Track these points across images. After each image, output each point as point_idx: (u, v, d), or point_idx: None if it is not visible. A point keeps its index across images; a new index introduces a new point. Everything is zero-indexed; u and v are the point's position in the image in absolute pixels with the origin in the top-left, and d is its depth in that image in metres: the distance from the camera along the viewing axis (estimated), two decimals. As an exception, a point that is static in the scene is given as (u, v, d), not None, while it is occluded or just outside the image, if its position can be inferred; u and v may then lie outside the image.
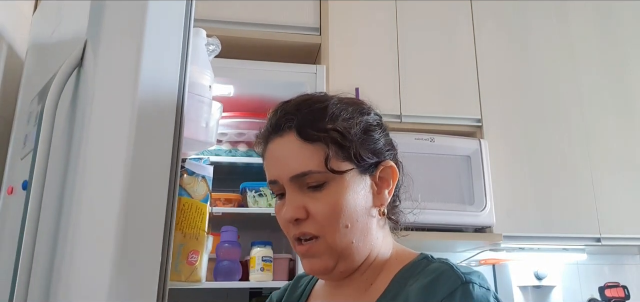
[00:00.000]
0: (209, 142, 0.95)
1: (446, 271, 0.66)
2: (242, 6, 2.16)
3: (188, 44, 0.81)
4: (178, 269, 0.79)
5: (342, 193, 0.69)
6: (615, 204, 2.26)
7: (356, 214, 0.70)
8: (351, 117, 0.72)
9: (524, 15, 2.48)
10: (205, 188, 0.87)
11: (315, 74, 1.99)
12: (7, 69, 0.98)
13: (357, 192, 0.70)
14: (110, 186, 0.69)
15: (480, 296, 0.64)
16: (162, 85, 0.76)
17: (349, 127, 0.71)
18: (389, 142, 0.77)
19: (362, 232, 0.71)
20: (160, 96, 0.75)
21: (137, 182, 0.70)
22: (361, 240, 0.71)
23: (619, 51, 2.51)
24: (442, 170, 2.13)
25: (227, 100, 2.08)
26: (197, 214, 0.83)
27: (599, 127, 2.37)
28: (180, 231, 0.80)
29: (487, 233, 2.12)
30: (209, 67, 0.98)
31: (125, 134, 0.71)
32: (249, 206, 1.96)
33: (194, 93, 0.91)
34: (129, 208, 0.68)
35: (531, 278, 2.33)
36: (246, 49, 2.14)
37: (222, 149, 2.04)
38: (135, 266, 0.68)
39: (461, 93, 2.31)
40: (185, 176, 0.84)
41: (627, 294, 2.36)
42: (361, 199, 0.71)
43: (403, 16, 2.36)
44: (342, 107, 0.73)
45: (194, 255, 0.82)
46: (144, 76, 0.74)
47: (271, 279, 1.85)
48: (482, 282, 0.67)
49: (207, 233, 0.85)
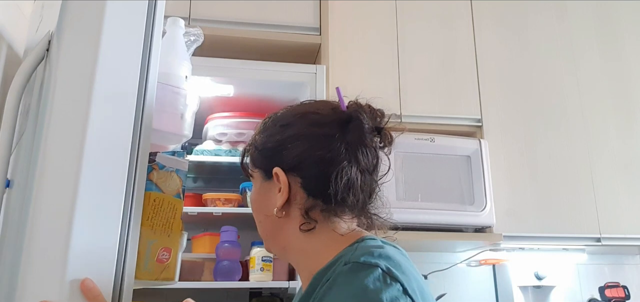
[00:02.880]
0: (184, 135, 0.93)
1: (346, 254, 0.72)
2: (242, 6, 2.16)
3: (152, 35, 0.80)
4: (148, 267, 0.76)
5: (253, 191, 0.83)
6: (615, 204, 2.26)
7: (260, 211, 0.82)
8: (264, 130, 0.83)
9: (524, 15, 2.48)
10: (179, 183, 0.84)
11: (315, 74, 1.99)
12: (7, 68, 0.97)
13: (259, 193, 0.82)
14: (65, 184, 0.68)
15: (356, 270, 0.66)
16: (121, 76, 0.75)
17: (264, 139, 0.82)
18: (311, 153, 0.77)
19: (268, 228, 0.81)
20: (119, 88, 0.74)
21: (92, 178, 0.68)
22: (268, 233, 0.82)
23: (618, 51, 2.51)
24: (442, 170, 2.13)
25: (227, 100, 2.08)
26: (169, 210, 0.81)
27: (599, 127, 2.37)
28: (149, 228, 0.77)
29: (487, 233, 2.12)
30: (187, 58, 0.96)
31: (80, 129, 0.70)
32: (249, 206, 1.95)
33: (168, 84, 0.90)
34: (83, 205, 0.67)
35: (531, 278, 2.33)
36: (246, 49, 2.14)
37: (222, 149, 2.04)
38: (89, 265, 0.66)
39: (461, 93, 2.31)
40: (155, 171, 0.81)
41: (627, 294, 2.36)
42: (262, 199, 0.81)
43: (403, 16, 2.36)
44: (271, 119, 0.84)
45: (165, 252, 0.79)
46: (101, 69, 0.72)
47: (271, 279, 1.85)
48: (370, 260, 0.67)
49: (182, 230, 0.83)
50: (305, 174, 0.77)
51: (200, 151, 2.03)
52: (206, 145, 2.05)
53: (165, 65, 0.90)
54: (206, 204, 2.01)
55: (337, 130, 0.78)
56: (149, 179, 0.79)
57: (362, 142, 0.79)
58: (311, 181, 0.76)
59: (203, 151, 2.03)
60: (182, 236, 0.84)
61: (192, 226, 2.18)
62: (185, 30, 0.99)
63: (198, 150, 2.04)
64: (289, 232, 0.79)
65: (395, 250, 0.73)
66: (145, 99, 0.77)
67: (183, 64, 0.95)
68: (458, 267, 2.40)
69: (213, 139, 2.07)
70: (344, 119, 0.79)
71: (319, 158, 0.76)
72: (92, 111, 0.70)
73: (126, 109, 0.74)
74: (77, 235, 0.66)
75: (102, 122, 0.71)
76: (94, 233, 0.68)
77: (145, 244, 0.76)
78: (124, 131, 0.73)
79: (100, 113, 0.71)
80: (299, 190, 0.77)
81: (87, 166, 0.68)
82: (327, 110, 0.82)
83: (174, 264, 0.81)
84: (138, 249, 0.74)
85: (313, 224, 0.76)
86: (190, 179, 2.33)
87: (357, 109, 0.81)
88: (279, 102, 2.14)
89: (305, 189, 0.77)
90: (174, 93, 0.91)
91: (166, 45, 0.94)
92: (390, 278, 0.64)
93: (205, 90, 2.02)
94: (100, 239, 0.68)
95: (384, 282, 0.63)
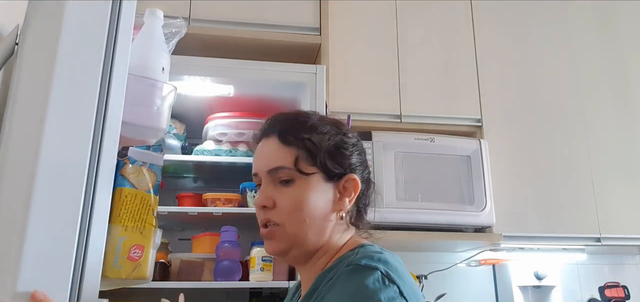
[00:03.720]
0: (161, 128, 0.91)
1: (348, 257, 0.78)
2: (242, 6, 2.16)
3: (117, 27, 0.78)
4: (118, 265, 0.74)
5: (305, 192, 0.82)
6: (615, 204, 2.26)
7: (315, 212, 0.82)
8: (326, 133, 0.85)
9: (524, 15, 2.48)
10: (152, 178, 0.81)
11: (315, 74, 1.99)
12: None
13: (318, 194, 0.83)
14: (23, 183, 0.67)
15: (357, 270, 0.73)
16: (81, 69, 0.73)
17: (321, 140, 0.84)
18: (362, 162, 0.89)
19: (318, 228, 0.83)
20: (78, 83, 0.71)
21: (50, 174, 0.66)
22: (315, 235, 0.83)
23: (618, 51, 2.51)
24: (442, 170, 2.13)
25: (227, 100, 2.08)
26: (142, 206, 0.78)
27: (599, 127, 2.37)
28: (120, 224, 0.75)
29: (487, 233, 2.12)
30: (165, 50, 0.94)
31: (37, 126, 0.68)
32: (249, 206, 1.95)
33: (143, 77, 0.88)
34: (38, 205, 0.65)
35: (531, 278, 2.33)
36: (246, 49, 2.14)
37: (222, 149, 2.03)
38: (43, 267, 0.64)
39: (461, 93, 2.31)
40: (128, 165, 0.79)
41: (627, 294, 2.36)
42: (321, 201, 0.83)
43: (403, 16, 2.36)
44: (322, 123, 0.87)
45: (137, 250, 0.77)
46: (60, 60, 0.71)
47: (271, 279, 1.85)
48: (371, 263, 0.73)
49: (155, 226, 0.80)
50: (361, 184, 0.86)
51: (200, 150, 2.03)
52: (206, 145, 2.05)
53: (140, 57, 0.88)
54: (206, 204, 2.01)
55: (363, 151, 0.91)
56: (121, 174, 0.78)
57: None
58: (361, 192, 0.87)
59: (203, 151, 2.03)
60: (156, 233, 0.81)
61: (192, 226, 2.18)
62: (164, 22, 0.96)
63: (198, 150, 2.03)
64: (334, 235, 0.85)
65: (392, 256, 0.78)
66: (109, 93, 0.75)
67: (161, 56, 0.93)
68: (458, 267, 2.40)
69: (213, 139, 2.06)
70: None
71: (368, 173, 0.89)
72: (50, 107, 0.68)
73: (86, 104, 0.72)
74: (32, 236, 0.64)
75: (60, 118, 0.69)
76: (49, 234, 0.65)
77: (115, 242, 0.74)
78: (84, 127, 0.71)
79: (58, 109, 0.69)
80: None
81: (43, 164, 0.66)
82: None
83: (147, 262, 0.78)
84: (107, 246, 0.72)
85: (354, 230, 0.88)
86: (190, 179, 2.32)
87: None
88: (279, 102, 2.16)
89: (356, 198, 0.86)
90: (149, 86, 0.89)
91: (142, 37, 0.92)
92: (388, 280, 0.71)
93: (205, 90, 2.02)
94: (56, 239, 0.66)
95: (382, 283, 0.70)
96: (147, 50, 0.91)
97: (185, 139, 2.13)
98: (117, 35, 0.78)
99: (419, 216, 2.03)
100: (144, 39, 0.92)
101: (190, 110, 2.12)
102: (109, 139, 0.74)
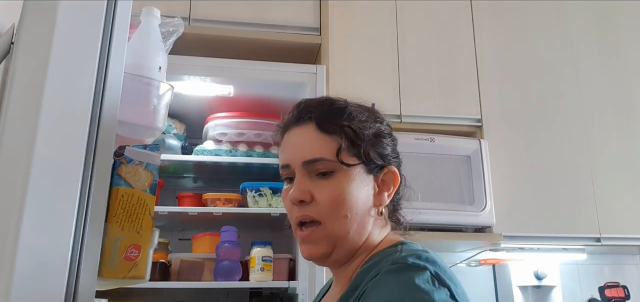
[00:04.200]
0: (157, 128, 0.90)
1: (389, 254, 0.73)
2: (242, 6, 2.16)
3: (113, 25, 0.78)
4: (114, 265, 0.73)
5: (347, 185, 0.75)
6: (615, 204, 2.26)
7: (356, 206, 0.76)
8: (366, 121, 0.79)
9: (524, 15, 2.48)
10: (150, 177, 0.80)
11: (315, 74, 1.99)
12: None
13: (360, 187, 0.77)
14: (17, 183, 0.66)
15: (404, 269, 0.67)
16: (76, 67, 0.73)
17: (363, 128, 0.78)
18: (396, 152, 0.84)
19: (359, 225, 0.77)
20: (73, 80, 0.71)
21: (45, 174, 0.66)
22: (357, 232, 0.77)
23: (618, 51, 2.51)
24: (442, 170, 2.13)
25: (227, 101, 2.08)
26: (138, 206, 0.78)
27: (599, 127, 2.37)
28: (116, 224, 0.74)
29: (487, 233, 2.12)
30: (162, 49, 0.94)
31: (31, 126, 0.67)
32: (249, 206, 1.95)
33: (139, 76, 0.87)
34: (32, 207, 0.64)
35: (531, 278, 2.33)
36: (246, 49, 2.14)
37: (222, 149, 2.04)
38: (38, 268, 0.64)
39: (461, 93, 2.31)
40: (124, 165, 0.79)
41: (627, 294, 2.36)
42: (363, 194, 0.77)
43: (403, 16, 2.36)
44: (359, 110, 0.80)
45: (134, 250, 0.76)
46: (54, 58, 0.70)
47: (271, 279, 1.85)
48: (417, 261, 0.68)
49: (152, 226, 0.80)
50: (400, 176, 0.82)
51: (200, 150, 2.03)
52: (206, 145, 2.05)
53: (137, 56, 0.88)
54: (206, 204, 2.01)
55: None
56: (117, 173, 0.77)
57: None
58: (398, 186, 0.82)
59: (203, 151, 2.03)
60: (153, 233, 0.81)
61: (192, 226, 2.18)
62: (161, 21, 0.95)
63: (198, 150, 2.04)
64: (373, 231, 0.79)
65: (437, 256, 0.73)
66: (104, 92, 0.74)
67: (157, 55, 0.92)
68: (458, 267, 2.40)
69: (213, 139, 2.07)
70: None
71: (399, 164, 0.84)
72: (44, 106, 0.67)
73: (82, 103, 0.71)
74: (26, 237, 0.63)
75: (54, 117, 0.68)
76: (44, 235, 0.65)
77: (111, 241, 0.74)
78: (79, 127, 0.70)
79: (52, 108, 0.68)
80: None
81: (37, 163, 0.65)
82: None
83: (144, 262, 0.78)
84: (104, 246, 0.72)
85: (391, 225, 0.83)
86: (190, 179, 2.33)
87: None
88: (279, 102, 2.16)
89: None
90: (146, 85, 0.88)
91: (139, 36, 0.92)
92: (438, 282, 0.66)
93: (205, 90, 2.02)
94: (51, 239, 0.65)
95: (433, 284, 0.65)
96: (143, 49, 0.91)
97: (185, 139, 2.13)
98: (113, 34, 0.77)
99: (419, 216, 2.02)
100: (141, 38, 0.91)
101: (190, 110, 2.13)
102: (105, 138, 0.73)
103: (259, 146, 2.07)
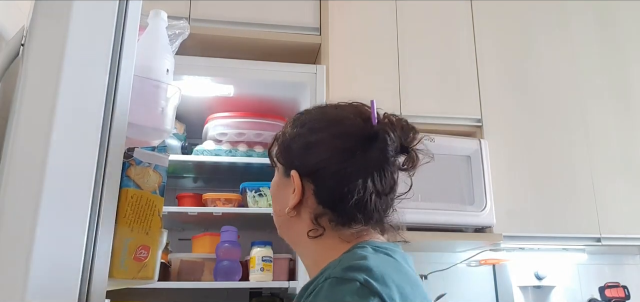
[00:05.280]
0: (165, 130, 0.90)
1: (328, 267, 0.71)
2: (242, 6, 2.16)
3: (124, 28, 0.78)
4: (124, 266, 0.74)
5: (273, 182, 0.87)
6: (615, 204, 2.26)
7: (275, 204, 0.86)
8: (294, 126, 0.84)
9: (524, 15, 2.48)
10: (158, 179, 0.81)
11: (315, 74, 1.99)
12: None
13: (278, 187, 0.85)
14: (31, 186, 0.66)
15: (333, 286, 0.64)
16: (89, 68, 0.73)
17: (284, 133, 0.85)
18: (322, 161, 0.78)
19: (284, 223, 0.84)
20: (86, 84, 0.71)
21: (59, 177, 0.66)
22: (284, 228, 0.84)
23: (619, 51, 2.51)
24: (442, 170, 2.13)
25: (227, 100, 2.08)
26: (147, 207, 0.78)
27: (599, 127, 2.37)
28: (126, 225, 0.75)
29: (487, 233, 2.12)
30: (169, 51, 0.94)
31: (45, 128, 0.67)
32: (249, 206, 1.95)
33: (148, 78, 0.88)
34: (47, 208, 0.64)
35: (531, 278, 2.33)
36: (246, 49, 2.14)
37: (222, 149, 2.03)
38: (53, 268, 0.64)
39: (461, 93, 2.31)
40: (133, 167, 0.80)
41: (627, 294, 2.36)
42: (280, 194, 0.84)
43: (403, 16, 2.36)
44: (303, 117, 0.85)
45: (143, 251, 0.77)
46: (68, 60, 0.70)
47: (271, 279, 1.85)
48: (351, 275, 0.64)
49: (161, 228, 0.81)
50: (319, 183, 0.77)
51: (200, 150, 2.03)
52: (206, 145, 2.05)
53: (145, 58, 0.88)
54: (206, 204, 2.01)
55: (360, 147, 0.77)
56: (126, 175, 0.78)
57: (381, 165, 0.78)
58: (324, 191, 0.77)
59: (203, 151, 2.03)
60: (161, 234, 0.82)
61: (192, 226, 2.18)
62: (168, 23, 0.96)
63: (198, 150, 2.03)
64: (299, 232, 0.80)
65: (382, 258, 0.71)
66: (116, 94, 0.74)
67: (165, 57, 0.93)
68: (458, 267, 2.40)
69: (213, 139, 2.07)
70: (369, 136, 0.78)
71: (335, 172, 0.76)
72: (58, 109, 0.67)
73: (94, 105, 0.71)
74: (41, 240, 0.63)
75: (68, 120, 0.68)
76: (58, 236, 0.65)
77: (121, 242, 0.75)
78: (92, 128, 0.70)
79: (66, 111, 0.68)
80: (311, 196, 0.78)
81: (51, 166, 0.65)
82: (357, 121, 0.80)
83: (153, 262, 0.79)
84: (114, 247, 0.72)
85: (321, 231, 0.77)
86: (190, 179, 2.32)
87: (386, 128, 0.79)
88: (279, 102, 2.16)
89: (317, 197, 0.77)
90: (154, 87, 0.89)
91: (147, 38, 0.92)
92: (368, 290, 0.62)
93: (205, 90, 2.02)
94: (66, 240, 0.65)
95: (360, 296, 0.62)
96: (151, 51, 0.91)
97: (185, 139, 2.13)
98: (124, 35, 0.77)
99: (419, 216, 2.03)
100: (149, 40, 0.92)
101: (190, 110, 2.13)
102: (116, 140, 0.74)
103: (259, 146, 2.07)
